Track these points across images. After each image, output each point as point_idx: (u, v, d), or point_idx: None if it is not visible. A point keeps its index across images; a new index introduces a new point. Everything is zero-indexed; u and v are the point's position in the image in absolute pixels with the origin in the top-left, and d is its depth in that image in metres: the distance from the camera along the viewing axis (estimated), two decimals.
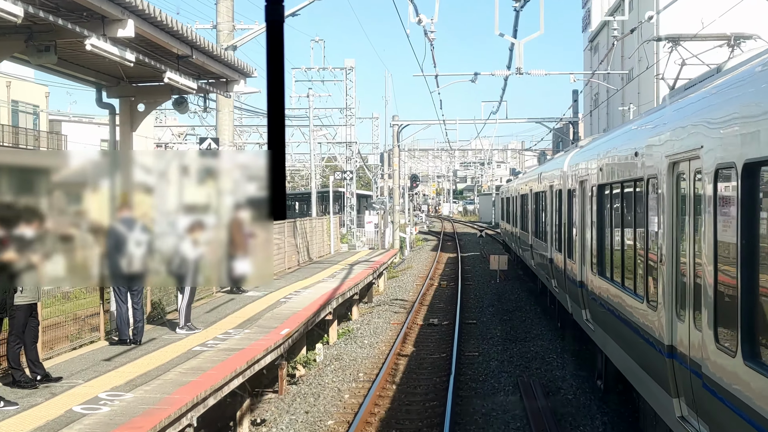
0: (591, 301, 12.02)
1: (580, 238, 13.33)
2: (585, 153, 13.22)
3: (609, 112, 55.02)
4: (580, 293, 13.19)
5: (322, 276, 25.95)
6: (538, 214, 22.81)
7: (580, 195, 13.30)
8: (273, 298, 19.98)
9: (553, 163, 19.12)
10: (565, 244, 15.37)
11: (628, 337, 9.72)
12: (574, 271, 13.89)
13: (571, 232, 14.85)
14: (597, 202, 11.37)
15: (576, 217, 13.64)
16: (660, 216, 7.96)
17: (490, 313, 28.16)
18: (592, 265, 11.86)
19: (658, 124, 8.49)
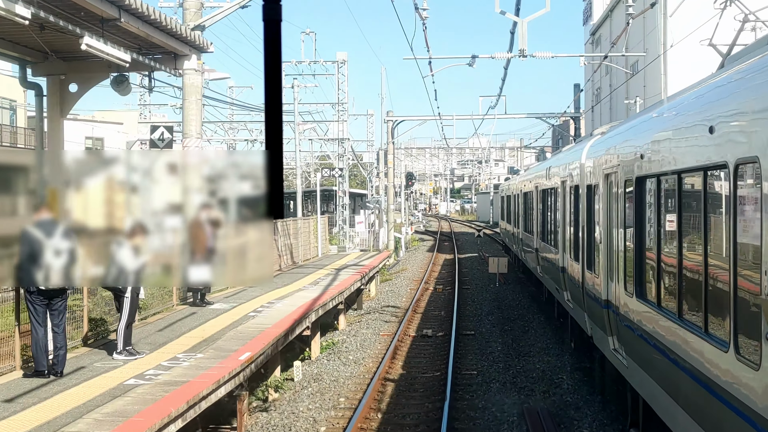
0: (624, 328, 9.20)
1: (605, 246, 10.56)
2: (613, 138, 10.37)
3: (612, 107, 52.26)
4: (606, 316, 10.44)
5: (304, 283, 23.14)
6: (546, 215, 20.03)
7: (605, 191, 10.55)
8: (242, 311, 17.18)
9: (565, 156, 16.32)
10: (582, 252, 12.61)
11: (692, 396, 6.69)
12: (596, 287, 11.16)
13: (590, 237, 12.09)
14: (635, 200, 8.56)
15: (600, 218, 10.86)
16: (765, 221, 5.05)
17: (490, 322, 25.39)
18: (625, 283, 9.09)
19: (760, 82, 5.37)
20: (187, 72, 20.04)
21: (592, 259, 11.68)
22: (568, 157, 15.47)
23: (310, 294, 20.03)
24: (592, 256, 11.67)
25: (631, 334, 8.88)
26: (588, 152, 12.47)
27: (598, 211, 11.10)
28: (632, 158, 8.64)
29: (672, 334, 7.03)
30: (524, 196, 27.92)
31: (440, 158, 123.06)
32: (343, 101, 48.46)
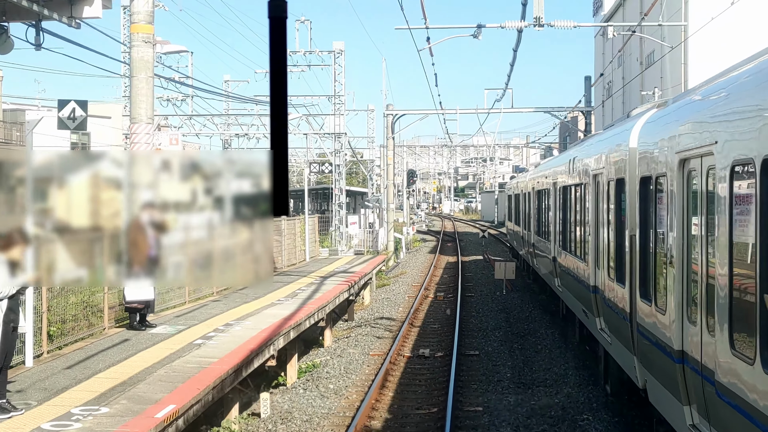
0: (732, 414, 5.45)
1: (678, 268, 6.88)
2: (699, 104, 6.62)
3: (625, 101, 48.45)
4: (680, 374, 6.71)
5: (280, 295, 19.41)
6: (568, 217, 16.25)
7: (681, 185, 6.84)
8: (188, 337, 13.47)
9: (598, 143, 12.50)
10: (632, 273, 8.87)
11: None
12: (660, 329, 7.46)
13: (646, 252, 8.38)
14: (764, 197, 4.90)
15: (670, 226, 7.15)
16: None
17: (497, 338, 21.69)
18: (731, 339, 5.35)
19: None
20: (135, 44, 16.38)
21: (652, 284, 7.99)
22: (604, 144, 11.72)
23: (282, 311, 16.32)
24: (652, 281, 7.98)
25: (733, 418, 5.24)
26: (642, 132, 8.74)
27: (665, 215, 7.41)
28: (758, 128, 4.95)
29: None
30: (537, 195, 24.07)
31: (444, 156, 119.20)
32: (339, 93, 44.75)
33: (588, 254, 13.00)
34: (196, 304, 17.37)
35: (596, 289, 12.40)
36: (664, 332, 7.52)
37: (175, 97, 44.99)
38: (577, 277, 14.47)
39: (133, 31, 16.16)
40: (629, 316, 9.43)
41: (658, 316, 7.80)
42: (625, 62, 48.48)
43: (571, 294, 15.97)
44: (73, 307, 13.26)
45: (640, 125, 9.28)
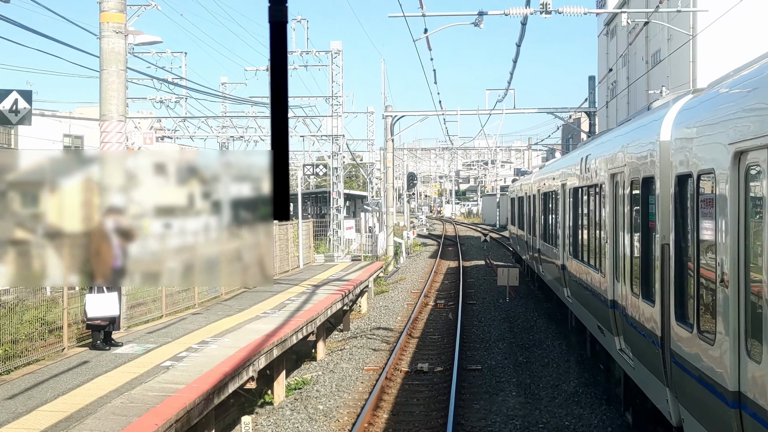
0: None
1: (733, 287, 5.37)
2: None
3: (630, 101, 46.94)
4: (737, 421, 5.20)
5: (266, 307, 17.88)
6: (580, 222, 14.68)
7: (735, 184, 5.33)
8: (156, 357, 11.95)
9: (617, 138, 10.93)
10: (664, 291, 7.35)
11: None
12: (703, 359, 5.96)
13: (683, 267, 6.85)
14: None
15: (722, 235, 5.63)
16: None
17: (500, 351, 20.20)
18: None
19: None
20: (105, 34, 14.94)
21: (693, 305, 6.47)
22: (624, 139, 10.19)
23: (266, 326, 14.80)
24: (693, 301, 6.47)
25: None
26: (678, 122, 7.22)
27: (711, 220, 5.89)
28: None
29: None
30: (543, 198, 22.52)
31: (445, 159, 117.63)
32: (337, 94, 43.23)
33: (605, 264, 11.48)
34: (175, 318, 15.87)
35: (615, 304, 10.89)
36: (711, 366, 6.02)
37: (169, 99, 43.54)
38: (591, 289, 12.95)
39: (102, 20, 14.73)
40: (660, 340, 7.93)
41: (703, 346, 6.30)
42: (630, 62, 46.98)
43: (583, 306, 14.44)
44: (27, 325, 11.77)
45: (673, 114, 7.78)
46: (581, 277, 14.30)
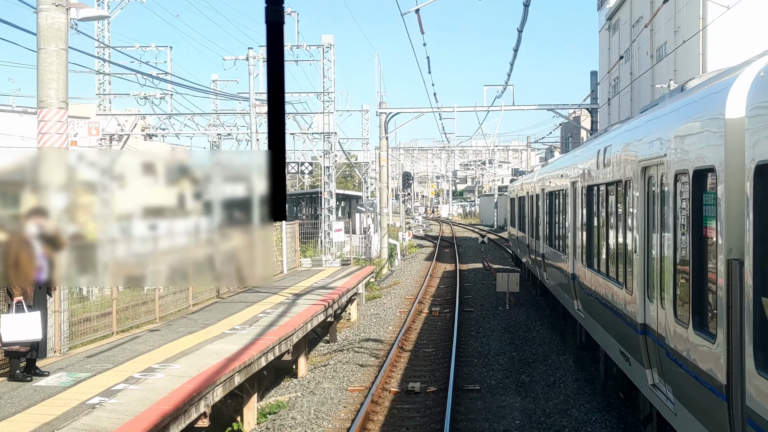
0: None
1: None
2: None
3: (633, 97, 44.73)
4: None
5: (236, 321, 15.61)
6: (595, 226, 12.37)
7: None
8: (86, 391, 9.71)
9: (651, 122, 8.61)
10: (733, 324, 5.19)
11: None
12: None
13: (766, 293, 4.77)
14: None
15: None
16: None
17: (501, 367, 18.00)
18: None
19: None
20: (43, 8, 12.72)
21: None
22: (663, 123, 7.98)
23: (230, 346, 12.55)
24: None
25: None
26: (754, 94, 5.02)
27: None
28: None
29: None
30: (549, 198, 20.24)
31: (442, 159, 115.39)
32: (329, 90, 41.00)
33: (632, 279, 9.27)
34: (127, 336, 13.62)
35: (647, 329, 8.68)
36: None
37: (153, 95, 41.32)
38: (612, 306, 10.72)
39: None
40: (725, 390, 5.75)
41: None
42: (633, 57, 44.77)
43: (599, 324, 12.20)
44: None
45: (746, 82, 5.60)
46: (597, 290, 12.07)
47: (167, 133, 43.57)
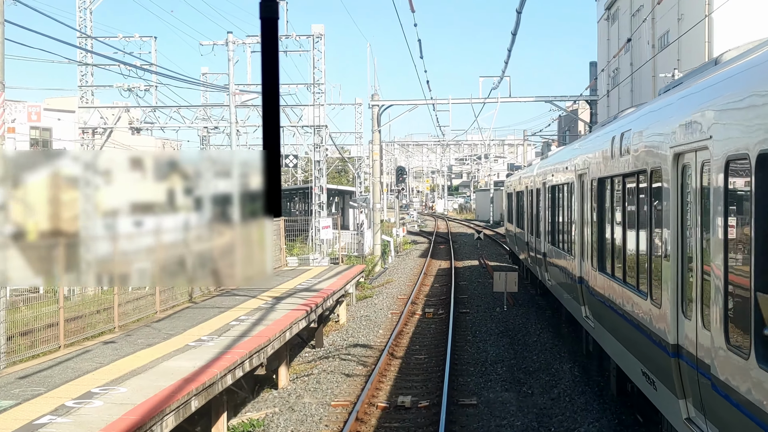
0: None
1: None
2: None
3: (634, 88, 43.07)
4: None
5: (205, 330, 13.89)
6: (608, 225, 10.64)
7: None
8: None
9: (697, 95, 6.89)
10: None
11: None
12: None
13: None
14: None
15: None
16: None
17: (499, 377, 16.36)
18: None
19: None
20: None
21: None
22: (701, 100, 6.32)
23: (191, 362, 10.84)
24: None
25: None
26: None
27: None
28: None
29: None
30: (551, 192, 18.53)
31: (437, 154, 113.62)
32: (319, 81, 39.31)
33: (661, 290, 7.60)
34: (76, 350, 11.91)
35: (680, 351, 7.03)
36: None
37: (137, 86, 39.56)
38: (632, 320, 9.04)
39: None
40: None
41: None
42: (634, 47, 43.09)
43: (615, 338, 10.52)
44: None
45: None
46: (612, 298, 10.39)
47: (153, 126, 41.87)
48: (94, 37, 39.78)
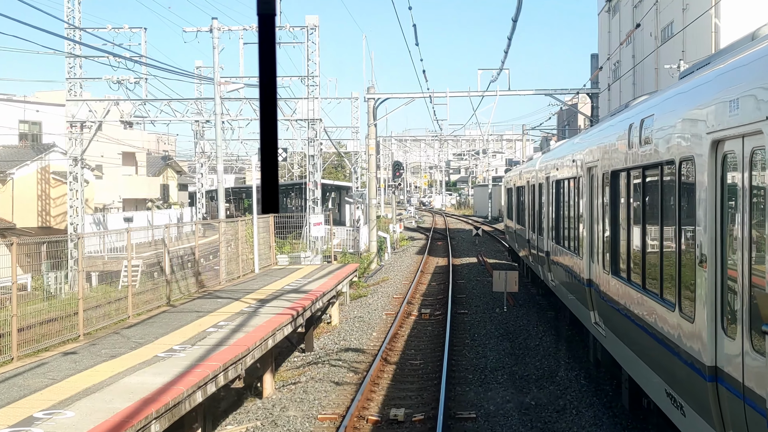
0: None
1: None
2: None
3: (636, 81, 41.83)
4: None
5: (178, 339, 12.64)
6: (623, 224, 9.31)
7: None
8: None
9: (722, 78, 5.70)
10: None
11: None
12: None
13: None
14: None
15: None
16: None
17: (500, 386, 15.16)
18: None
19: None
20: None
21: None
22: (751, 75, 5.12)
23: (155, 378, 9.61)
24: None
25: None
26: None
27: None
28: None
29: None
30: (555, 187, 17.26)
31: (435, 149, 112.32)
32: (313, 74, 38.07)
33: (696, 302, 6.38)
34: (32, 362, 10.67)
35: (720, 376, 5.83)
36: None
37: (127, 79, 38.29)
38: (655, 333, 7.81)
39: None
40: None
41: None
42: (636, 39, 41.85)
43: (631, 350, 9.29)
44: None
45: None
46: (628, 306, 9.16)
47: (144, 120, 40.62)
48: (82, 28, 38.54)
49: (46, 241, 15.90)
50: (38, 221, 44.34)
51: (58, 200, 44.46)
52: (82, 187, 38.82)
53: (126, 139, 56.63)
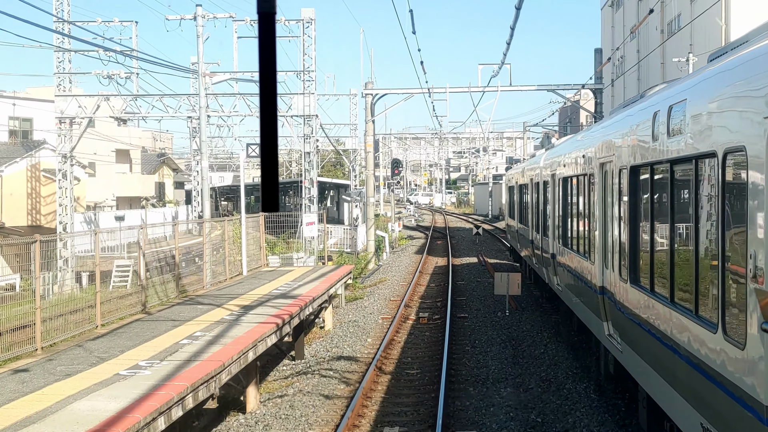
0: None
1: None
2: None
3: (641, 76, 40.58)
4: None
5: (148, 351, 11.39)
6: (643, 228, 8.03)
7: None
8: None
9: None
10: None
11: None
12: None
13: None
14: None
15: None
16: None
17: (504, 400, 13.94)
18: None
19: None
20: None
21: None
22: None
23: (111, 402, 8.38)
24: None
25: None
26: None
27: None
28: None
29: None
30: (562, 185, 16.00)
31: (435, 147, 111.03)
32: (309, 69, 36.84)
33: (746, 324, 5.17)
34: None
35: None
36: None
37: (117, 73, 37.09)
38: (689, 356, 6.58)
39: None
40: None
41: None
42: (641, 33, 40.61)
43: (658, 373, 8.05)
44: None
45: None
46: (653, 322, 7.94)
47: (135, 116, 39.43)
48: (71, 21, 37.38)
49: (31, 242, 14.74)
50: (28, 220, 43.16)
51: (48, 198, 43.28)
52: (72, 185, 37.65)
53: (120, 137, 55.42)
